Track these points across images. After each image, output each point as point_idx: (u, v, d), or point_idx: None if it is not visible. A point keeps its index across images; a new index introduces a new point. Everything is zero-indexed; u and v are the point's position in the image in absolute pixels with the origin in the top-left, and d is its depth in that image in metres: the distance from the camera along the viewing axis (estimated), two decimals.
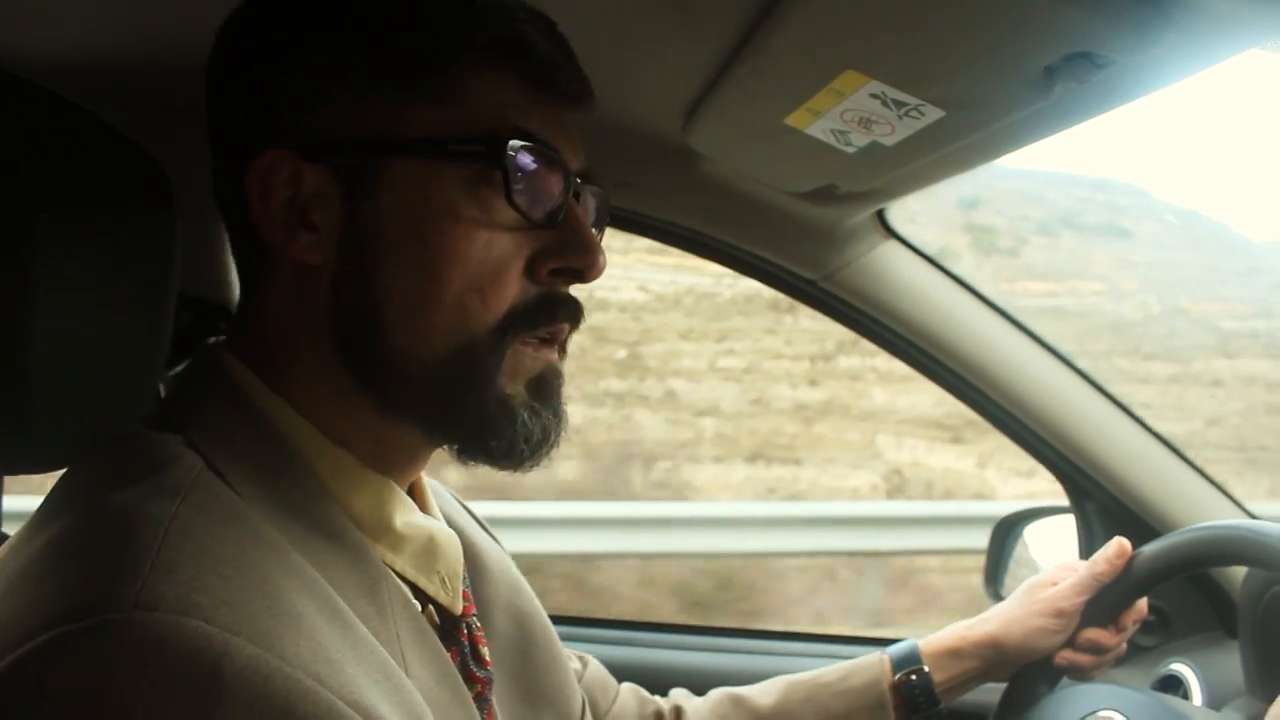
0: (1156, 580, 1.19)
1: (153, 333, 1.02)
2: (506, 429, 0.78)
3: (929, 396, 7.85)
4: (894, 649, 1.23)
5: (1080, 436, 1.52)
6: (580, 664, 1.20)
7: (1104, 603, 1.20)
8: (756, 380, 7.90)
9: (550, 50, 0.79)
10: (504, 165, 0.75)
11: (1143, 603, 1.23)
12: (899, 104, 0.93)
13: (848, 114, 0.97)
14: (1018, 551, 1.65)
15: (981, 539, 1.66)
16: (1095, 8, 0.72)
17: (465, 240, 0.76)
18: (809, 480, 7.17)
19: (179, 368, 0.90)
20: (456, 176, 0.76)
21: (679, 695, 1.26)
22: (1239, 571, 1.35)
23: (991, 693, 1.28)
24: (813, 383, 7.94)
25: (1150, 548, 1.20)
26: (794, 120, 1.02)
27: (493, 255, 0.76)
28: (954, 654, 1.22)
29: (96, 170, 0.94)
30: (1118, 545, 1.21)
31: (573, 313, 0.82)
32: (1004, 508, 1.79)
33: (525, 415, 0.79)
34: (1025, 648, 1.21)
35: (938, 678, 1.20)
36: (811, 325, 8.24)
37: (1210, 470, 1.53)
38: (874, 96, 0.93)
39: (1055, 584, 1.23)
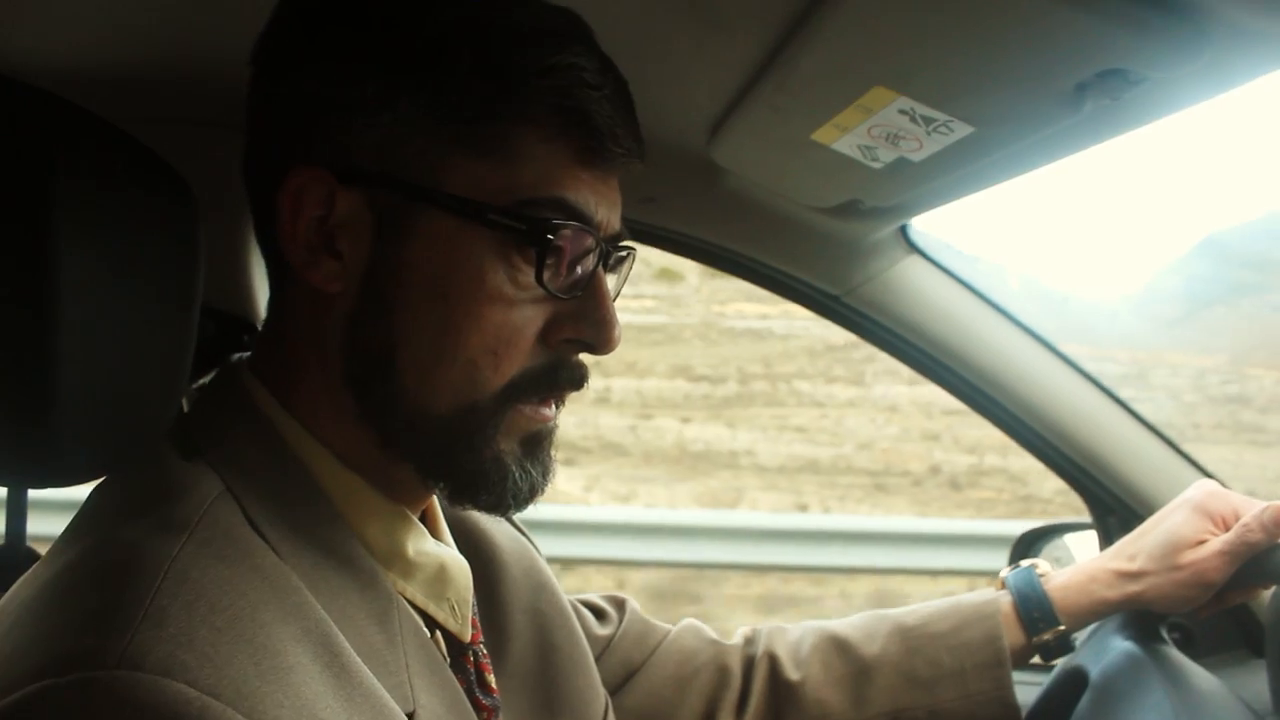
0: None
1: (176, 345, 1.01)
2: (497, 485, 0.79)
3: (573, 418, 7.85)
4: (1019, 596, 1.16)
5: (1103, 452, 1.51)
6: (615, 618, 1.18)
7: (1250, 568, 1.12)
8: None
9: (611, 118, 0.77)
10: (540, 245, 0.75)
11: None
12: (928, 120, 0.92)
13: (875, 130, 0.97)
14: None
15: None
16: (1132, 25, 0.72)
17: (488, 306, 0.75)
18: None
19: (202, 380, 0.90)
20: (490, 239, 0.75)
21: (770, 639, 1.21)
22: (1265, 591, 1.33)
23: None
24: None
25: None
26: (821, 136, 1.02)
27: (511, 322, 0.76)
28: (1094, 615, 1.16)
29: (119, 183, 0.94)
30: (1279, 510, 1.10)
31: (577, 380, 0.81)
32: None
33: (516, 473, 0.79)
34: (1164, 610, 1.15)
35: (1072, 629, 1.16)
36: None
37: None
38: (903, 112, 0.92)
39: (1199, 543, 1.12)
